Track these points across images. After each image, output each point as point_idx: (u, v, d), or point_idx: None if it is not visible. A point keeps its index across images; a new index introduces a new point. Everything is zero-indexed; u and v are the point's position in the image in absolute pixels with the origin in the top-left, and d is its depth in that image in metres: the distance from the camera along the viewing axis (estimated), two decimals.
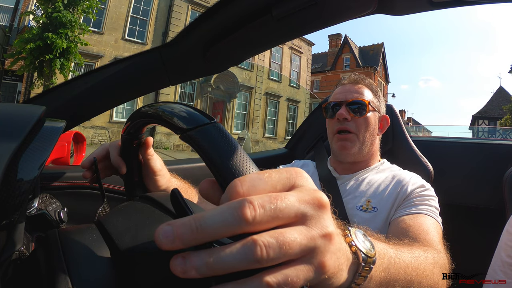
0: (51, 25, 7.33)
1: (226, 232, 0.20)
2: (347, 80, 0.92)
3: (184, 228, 0.20)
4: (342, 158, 0.87)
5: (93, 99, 0.69)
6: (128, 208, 0.41)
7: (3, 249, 0.31)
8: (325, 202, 0.23)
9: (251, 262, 0.20)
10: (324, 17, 0.54)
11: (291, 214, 0.21)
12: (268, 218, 0.21)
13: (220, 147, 0.28)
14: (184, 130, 0.31)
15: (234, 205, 0.20)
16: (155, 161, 0.59)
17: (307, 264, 0.22)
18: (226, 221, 0.20)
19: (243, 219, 0.20)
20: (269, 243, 0.20)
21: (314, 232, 0.22)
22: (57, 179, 0.81)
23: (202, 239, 0.20)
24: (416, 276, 0.41)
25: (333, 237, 0.23)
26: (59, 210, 0.62)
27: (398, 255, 0.39)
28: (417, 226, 0.64)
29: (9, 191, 0.27)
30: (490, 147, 1.20)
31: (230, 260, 0.20)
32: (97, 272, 0.29)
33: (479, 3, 0.46)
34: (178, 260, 0.20)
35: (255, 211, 0.20)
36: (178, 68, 0.69)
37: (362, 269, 0.29)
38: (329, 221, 0.23)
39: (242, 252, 0.20)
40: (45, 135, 0.32)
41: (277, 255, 0.20)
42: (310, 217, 0.22)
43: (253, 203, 0.20)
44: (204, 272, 0.20)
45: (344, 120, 0.84)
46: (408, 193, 0.76)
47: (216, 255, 0.20)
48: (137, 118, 0.44)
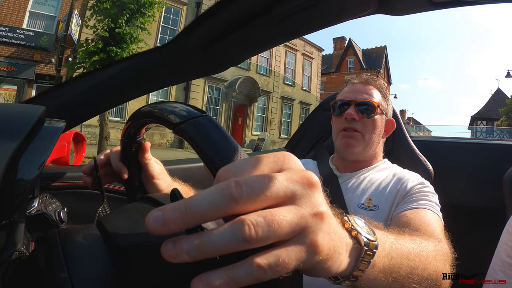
0: (112, 39, 8.21)
1: (215, 213, 0.20)
2: (357, 79, 0.91)
3: (173, 211, 0.19)
4: (345, 155, 0.87)
5: (93, 99, 0.68)
6: (128, 208, 0.41)
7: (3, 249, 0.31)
8: (315, 181, 0.23)
9: (240, 242, 0.19)
10: (324, 17, 0.54)
11: (279, 193, 0.21)
12: (256, 198, 0.20)
13: (211, 138, 0.29)
14: (176, 124, 0.32)
15: (221, 186, 0.20)
16: (153, 165, 0.59)
17: (299, 244, 0.21)
18: (214, 202, 0.20)
19: (230, 198, 0.20)
20: (257, 221, 0.20)
21: (304, 211, 0.21)
22: (57, 179, 0.81)
23: (192, 221, 0.20)
24: (419, 262, 0.39)
25: (325, 216, 0.23)
26: (59, 210, 0.62)
27: (399, 241, 0.37)
28: (417, 219, 0.64)
29: (9, 191, 0.27)
30: (490, 147, 1.20)
31: (219, 241, 0.19)
32: (97, 272, 0.28)
33: (479, 3, 0.46)
34: (169, 245, 0.20)
35: (241, 189, 0.20)
36: (178, 68, 0.69)
37: (364, 254, 0.28)
38: (320, 200, 0.23)
39: (230, 232, 0.19)
40: (45, 135, 0.32)
41: (266, 234, 0.20)
42: (300, 196, 0.22)
43: (240, 182, 0.20)
44: (195, 255, 0.19)
45: (352, 120, 0.84)
46: (408, 189, 0.76)
47: (205, 237, 0.19)
48: (134, 119, 0.45)
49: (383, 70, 24.96)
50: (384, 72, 25.39)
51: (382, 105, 0.86)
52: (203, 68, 0.71)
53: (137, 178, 0.59)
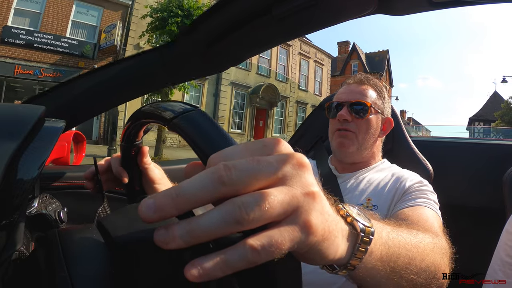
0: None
1: (205, 197, 0.20)
2: (352, 79, 0.91)
3: (164, 197, 0.19)
4: (341, 156, 0.87)
5: (93, 99, 0.69)
6: (128, 209, 0.41)
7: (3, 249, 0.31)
8: (305, 162, 0.23)
9: (231, 224, 0.19)
10: (324, 17, 0.54)
11: (270, 174, 0.21)
12: (245, 179, 0.20)
13: (203, 130, 0.29)
14: (170, 119, 0.32)
15: (210, 170, 0.20)
16: (153, 170, 0.59)
17: (292, 224, 0.21)
18: (204, 186, 0.20)
19: (219, 181, 0.20)
20: (248, 202, 0.19)
21: (295, 191, 0.21)
22: (57, 179, 0.81)
23: (183, 206, 0.20)
24: (417, 253, 0.38)
25: (317, 196, 0.22)
26: (59, 210, 0.62)
27: (396, 231, 0.36)
28: (415, 216, 0.64)
29: (9, 191, 0.27)
30: (490, 147, 1.20)
31: (210, 224, 0.19)
32: (97, 272, 0.29)
33: (479, 3, 0.46)
34: (161, 231, 0.20)
35: (231, 172, 0.20)
36: (178, 68, 0.69)
37: (361, 241, 0.27)
38: (311, 180, 0.23)
39: (220, 214, 0.19)
40: (45, 135, 0.32)
41: (258, 214, 0.19)
42: (291, 176, 0.22)
43: (229, 165, 0.20)
44: (187, 240, 0.19)
45: (344, 121, 0.84)
46: (407, 188, 0.76)
47: (195, 221, 0.19)
48: (131, 121, 0.45)
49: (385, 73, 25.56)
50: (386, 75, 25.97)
51: (376, 104, 0.86)
52: (203, 68, 0.71)
53: (138, 183, 0.59)
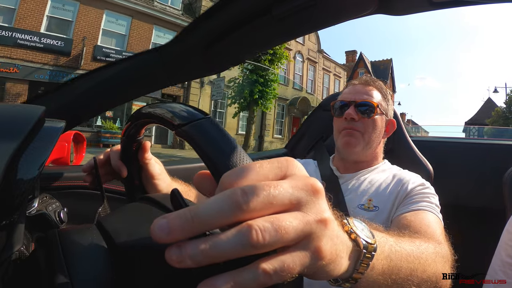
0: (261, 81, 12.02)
1: (221, 220, 0.20)
2: (357, 80, 0.92)
3: (179, 219, 0.19)
4: (346, 155, 0.87)
5: (93, 99, 0.68)
6: (128, 209, 0.41)
7: (3, 249, 0.31)
8: (319, 187, 0.23)
9: (247, 247, 0.19)
10: (324, 17, 0.54)
11: (285, 200, 0.21)
12: (262, 205, 0.20)
13: (213, 141, 0.28)
14: (178, 125, 0.31)
15: (227, 194, 0.20)
16: (153, 165, 0.59)
17: (303, 250, 0.22)
18: (220, 210, 0.20)
19: (237, 206, 0.20)
20: (264, 227, 0.20)
21: (309, 217, 0.22)
22: (57, 179, 0.81)
23: (198, 229, 0.20)
24: (419, 264, 0.40)
25: (329, 222, 0.23)
26: (59, 211, 0.62)
27: (398, 244, 0.38)
28: (418, 222, 0.64)
29: (9, 191, 0.27)
30: (490, 147, 1.20)
31: (226, 246, 0.19)
32: (97, 272, 0.28)
33: (479, 3, 0.46)
34: (173, 249, 0.19)
35: (248, 198, 0.20)
36: (178, 68, 0.68)
37: (363, 256, 0.28)
38: (324, 206, 0.23)
39: (237, 237, 0.19)
40: (45, 135, 0.32)
41: (273, 239, 0.20)
42: (305, 202, 0.22)
43: (246, 190, 0.20)
44: (200, 260, 0.19)
45: (351, 120, 0.84)
46: (409, 191, 0.76)
47: (211, 242, 0.19)
48: (135, 119, 0.45)
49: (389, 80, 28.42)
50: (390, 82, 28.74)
51: (382, 105, 0.87)
52: (203, 68, 0.71)
53: (137, 177, 0.59)
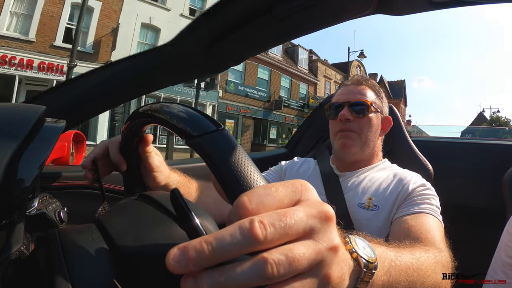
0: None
1: (238, 252, 0.20)
2: (350, 81, 0.92)
3: (196, 252, 0.20)
4: (343, 156, 0.87)
5: (93, 99, 0.68)
6: (127, 207, 0.41)
7: (2, 248, 0.31)
8: (331, 214, 0.24)
9: (263, 280, 0.20)
10: (324, 17, 0.54)
11: (299, 230, 0.22)
12: (278, 236, 0.21)
13: (227, 157, 0.28)
14: (191, 136, 0.31)
15: (245, 225, 0.20)
16: (153, 158, 0.59)
17: (313, 277, 0.22)
18: (238, 242, 0.20)
19: (254, 239, 0.20)
20: (279, 260, 0.20)
21: (321, 246, 0.22)
22: (57, 179, 0.81)
23: (214, 262, 0.20)
24: (418, 276, 0.41)
25: (338, 249, 0.24)
26: (59, 210, 0.62)
27: (398, 257, 0.39)
28: (418, 226, 0.64)
29: (9, 191, 0.27)
30: (490, 147, 1.20)
31: (242, 278, 0.20)
32: (97, 272, 0.28)
33: (479, 3, 0.46)
34: (189, 281, 0.20)
35: (266, 231, 0.20)
36: (179, 68, 0.69)
37: (364, 275, 0.29)
38: (335, 233, 0.24)
39: (253, 270, 0.20)
40: (45, 135, 0.32)
41: (287, 271, 0.20)
42: (317, 230, 0.23)
43: (264, 222, 0.21)
44: None
45: (346, 121, 0.84)
46: (410, 191, 0.76)
47: (227, 274, 0.20)
48: (140, 118, 0.44)
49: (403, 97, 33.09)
50: (403, 99, 33.37)
51: (376, 103, 0.87)
52: (203, 68, 0.71)
53: (136, 171, 0.59)
